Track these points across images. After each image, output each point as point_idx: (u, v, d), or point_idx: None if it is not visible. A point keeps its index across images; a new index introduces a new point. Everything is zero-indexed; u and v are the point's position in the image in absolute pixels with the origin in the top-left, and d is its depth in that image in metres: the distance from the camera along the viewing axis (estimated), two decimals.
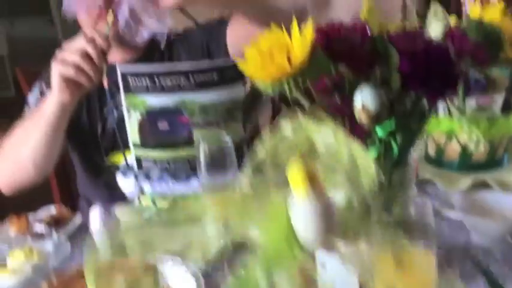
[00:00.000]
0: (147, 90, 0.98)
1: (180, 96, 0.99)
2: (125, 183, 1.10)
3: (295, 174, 0.55)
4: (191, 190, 1.06)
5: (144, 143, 1.04)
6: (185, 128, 1.02)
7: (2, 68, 6.04)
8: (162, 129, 1.01)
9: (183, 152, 1.04)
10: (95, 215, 0.98)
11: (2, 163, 1.25)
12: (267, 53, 0.67)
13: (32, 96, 1.35)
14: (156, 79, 0.96)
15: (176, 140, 1.03)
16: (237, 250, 0.93)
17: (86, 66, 1.03)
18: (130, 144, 1.05)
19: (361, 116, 0.70)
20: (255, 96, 1.14)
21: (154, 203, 1.08)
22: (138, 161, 1.07)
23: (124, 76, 0.98)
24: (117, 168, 1.23)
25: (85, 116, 1.27)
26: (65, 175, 1.55)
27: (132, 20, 1.04)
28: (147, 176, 1.06)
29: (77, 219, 1.16)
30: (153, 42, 1.38)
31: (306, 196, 0.54)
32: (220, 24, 1.31)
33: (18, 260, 0.91)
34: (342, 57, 0.71)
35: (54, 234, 1.03)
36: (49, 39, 6.82)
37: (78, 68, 1.03)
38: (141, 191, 1.08)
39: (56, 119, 1.12)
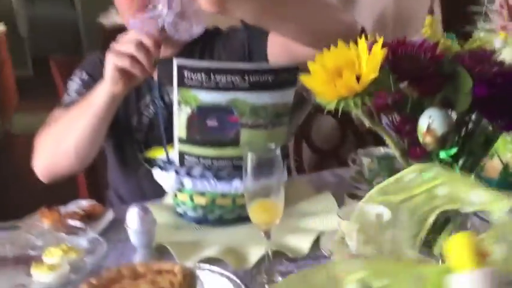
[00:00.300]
0: (201, 85, 0.96)
1: (233, 95, 0.97)
2: (164, 177, 1.08)
3: (459, 249, 0.45)
4: (233, 190, 1.04)
5: (190, 139, 1.02)
6: (233, 128, 1.00)
7: (22, 48, 6.07)
8: (210, 127, 1.00)
9: (228, 152, 1.02)
10: (133, 214, 0.97)
11: (43, 150, 1.24)
12: (333, 70, 0.66)
13: (72, 85, 1.35)
14: (211, 75, 0.95)
15: (223, 138, 1.01)
16: (275, 260, 0.92)
17: (141, 57, 1.03)
18: (175, 139, 1.04)
19: (425, 138, 0.68)
20: (302, 103, 1.12)
21: (192, 199, 1.07)
22: (181, 156, 1.05)
23: (180, 69, 0.96)
24: (152, 162, 1.21)
25: (121, 108, 1.26)
26: (92, 167, 1.54)
27: (181, 16, 1.03)
28: (189, 172, 1.05)
29: (109, 215, 1.15)
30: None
31: (475, 276, 0.44)
32: (264, 31, 1.29)
33: (55, 256, 0.90)
34: (408, 76, 0.69)
35: (89, 231, 1.01)
36: (69, 21, 6.87)
37: (133, 59, 1.03)
38: (181, 187, 1.06)
39: (104, 110, 1.13)
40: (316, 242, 1.00)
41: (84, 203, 1.20)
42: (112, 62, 1.06)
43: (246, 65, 1.01)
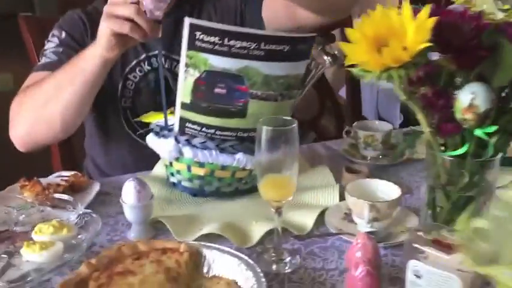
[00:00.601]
0: (213, 49, 0.88)
1: (246, 63, 0.90)
2: (160, 144, 1.00)
3: None
4: (235, 163, 0.98)
5: (195, 105, 0.94)
6: (242, 97, 0.93)
7: None
8: (218, 94, 0.92)
9: (233, 122, 0.96)
10: (129, 188, 0.90)
11: (23, 117, 1.14)
12: (374, 38, 0.60)
13: (50, 45, 1.24)
14: (226, 39, 0.87)
15: (229, 108, 0.94)
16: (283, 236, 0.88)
17: (142, 21, 0.95)
18: (178, 104, 0.95)
19: (465, 114, 0.64)
20: (311, 77, 1.06)
21: (189, 169, 1.00)
22: (182, 123, 0.97)
23: (193, 30, 0.87)
24: (147, 127, 1.14)
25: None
26: None
27: None
28: (189, 141, 0.97)
29: (95, 186, 1.07)
30: None
31: None
32: None
33: (46, 235, 0.82)
34: (451, 48, 0.65)
35: (78, 204, 0.93)
36: None
37: (133, 24, 0.95)
38: (179, 155, 0.99)
39: (95, 76, 1.05)
40: (319, 217, 0.97)
41: (65, 174, 1.11)
42: (108, 26, 0.97)
43: (263, 32, 0.93)
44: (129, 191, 0.89)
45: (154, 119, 1.08)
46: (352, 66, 0.66)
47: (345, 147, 1.28)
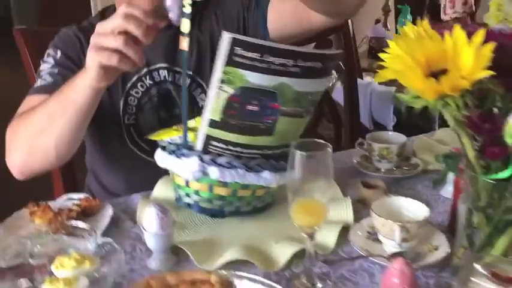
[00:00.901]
0: (252, 65, 0.85)
1: (281, 80, 0.87)
2: (177, 163, 0.96)
3: None
4: (262, 181, 0.95)
5: (224, 123, 0.90)
6: (273, 114, 0.90)
7: None
8: (250, 111, 0.89)
9: (259, 140, 0.93)
10: (152, 216, 0.86)
11: (19, 145, 1.09)
12: (427, 64, 0.58)
13: (45, 66, 1.19)
14: (265, 55, 0.84)
15: (259, 125, 0.91)
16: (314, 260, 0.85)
17: (131, 52, 0.91)
18: (205, 122, 0.91)
19: None
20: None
21: (211, 189, 0.97)
22: (207, 141, 0.92)
23: (233, 44, 0.83)
24: (150, 144, 1.12)
25: (105, 93, 1.12)
26: None
27: None
28: (214, 160, 0.93)
29: (108, 210, 1.03)
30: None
31: None
32: None
33: (68, 269, 0.78)
34: (499, 70, 0.62)
35: (95, 232, 0.89)
36: None
37: (122, 55, 0.91)
38: (203, 175, 0.94)
39: (87, 106, 1.01)
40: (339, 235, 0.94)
41: (75, 197, 1.07)
42: (95, 59, 0.92)
43: (300, 49, 0.91)
44: (151, 219, 0.86)
45: (167, 136, 1.03)
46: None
47: (357, 159, 1.26)
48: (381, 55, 0.72)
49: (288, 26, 1.21)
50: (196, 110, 1.27)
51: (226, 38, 0.83)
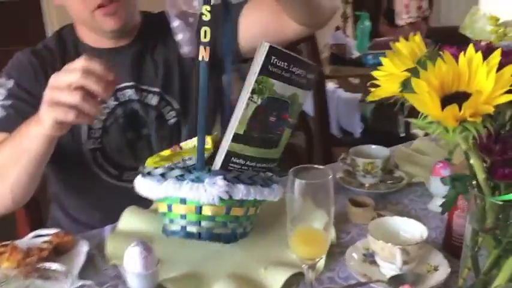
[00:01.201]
0: (280, 74, 0.83)
1: (295, 91, 0.86)
2: (191, 189, 0.83)
3: None
4: (272, 197, 0.89)
5: (247, 136, 0.84)
6: (283, 125, 0.88)
7: None
8: (270, 122, 0.85)
9: (270, 152, 0.89)
10: (134, 255, 0.79)
11: None
12: (441, 87, 0.53)
13: None
14: (291, 65, 0.82)
15: (272, 137, 0.88)
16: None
17: (88, 108, 0.85)
18: (229, 136, 0.83)
19: None
20: None
21: (228, 211, 0.87)
22: (228, 158, 0.84)
23: (270, 54, 0.80)
24: (116, 167, 1.08)
25: None
26: None
27: None
28: (239, 178, 0.83)
29: (83, 246, 0.94)
30: (146, 23, 1.24)
31: None
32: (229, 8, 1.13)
33: None
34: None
35: (71, 274, 0.80)
36: None
37: (79, 111, 0.85)
38: (226, 197, 0.82)
39: (41, 154, 0.96)
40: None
41: (43, 233, 0.98)
42: (50, 115, 0.87)
43: (310, 61, 0.90)
44: (133, 258, 0.78)
45: (167, 162, 0.93)
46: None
47: (340, 174, 1.22)
48: (374, 73, 0.69)
49: (262, 38, 1.16)
50: (166, 128, 1.20)
51: (265, 47, 0.80)
